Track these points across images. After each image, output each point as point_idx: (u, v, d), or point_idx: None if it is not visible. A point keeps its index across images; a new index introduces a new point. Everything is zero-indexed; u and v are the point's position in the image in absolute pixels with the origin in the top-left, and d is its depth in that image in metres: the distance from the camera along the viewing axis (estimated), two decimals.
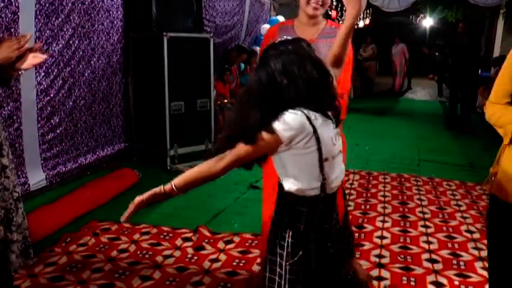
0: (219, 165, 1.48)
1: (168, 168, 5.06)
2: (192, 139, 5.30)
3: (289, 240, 1.53)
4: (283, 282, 1.53)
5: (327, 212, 1.56)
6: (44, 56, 2.30)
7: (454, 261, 3.06)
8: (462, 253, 3.19)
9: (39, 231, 3.21)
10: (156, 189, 1.52)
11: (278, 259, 1.55)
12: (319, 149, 1.47)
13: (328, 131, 1.51)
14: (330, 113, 1.53)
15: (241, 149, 1.46)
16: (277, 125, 1.44)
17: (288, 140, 1.45)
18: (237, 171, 1.54)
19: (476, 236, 3.48)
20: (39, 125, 4.09)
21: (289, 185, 1.53)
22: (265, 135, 1.44)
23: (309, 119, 1.45)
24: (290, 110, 1.45)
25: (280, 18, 9.67)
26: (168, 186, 1.51)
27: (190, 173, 1.51)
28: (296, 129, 1.44)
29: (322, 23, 2.56)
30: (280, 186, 1.58)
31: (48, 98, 4.16)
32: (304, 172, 1.50)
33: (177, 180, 1.50)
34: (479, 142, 6.84)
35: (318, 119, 1.47)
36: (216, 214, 3.83)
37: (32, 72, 3.93)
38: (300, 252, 1.52)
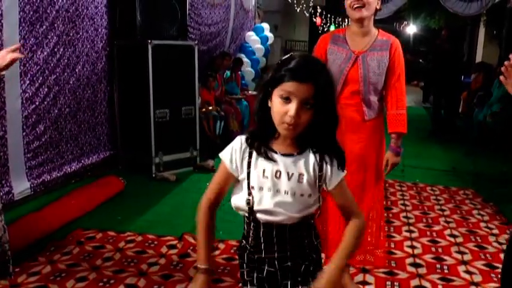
0: (200, 205, 1.54)
1: (154, 175, 5.04)
2: (177, 146, 5.30)
3: (242, 260, 1.57)
4: None
5: (262, 239, 1.49)
6: (21, 55, 2.34)
7: (438, 265, 3.10)
8: (446, 257, 3.23)
9: (23, 240, 3.18)
10: (198, 280, 1.48)
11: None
12: (248, 174, 1.45)
13: (270, 164, 1.43)
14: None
15: (210, 185, 1.55)
16: (222, 152, 1.50)
17: (228, 161, 1.47)
18: None
19: (460, 240, 3.53)
20: (24, 134, 4.05)
21: (232, 201, 1.54)
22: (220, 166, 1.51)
23: (247, 141, 1.45)
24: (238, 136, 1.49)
25: (265, 26, 9.75)
26: (201, 266, 1.49)
27: (198, 233, 1.55)
28: (232, 146, 1.47)
29: (374, 34, 2.50)
30: None
31: (34, 106, 4.13)
32: (239, 192, 1.50)
33: (199, 255, 1.52)
34: (462, 147, 6.94)
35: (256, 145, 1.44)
36: None
37: (17, 80, 3.90)
38: (249, 273, 1.55)
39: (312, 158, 1.45)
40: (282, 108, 1.33)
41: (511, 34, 8.95)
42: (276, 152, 1.43)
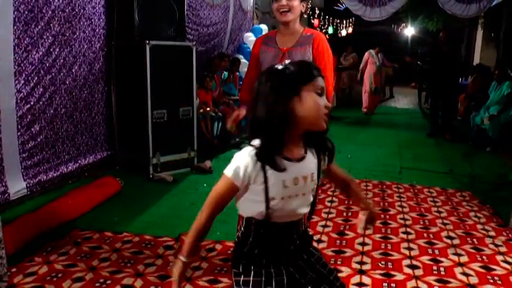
0: (202, 217, 1.54)
1: (151, 176, 5.04)
2: (174, 147, 5.30)
3: (242, 261, 1.58)
4: None
5: (277, 238, 1.55)
6: None
7: (435, 267, 3.10)
8: (442, 259, 3.23)
9: (19, 240, 3.18)
10: (178, 268, 1.55)
11: (234, 277, 1.62)
12: (266, 188, 1.46)
13: (283, 174, 1.46)
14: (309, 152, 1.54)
15: (211, 199, 1.53)
16: (227, 167, 1.48)
17: (236, 178, 1.46)
18: (218, 179, 1.54)
19: (456, 242, 3.53)
20: (19, 133, 4.04)
21: (240, 208, 1.57)
22: (222, 181, 1.50)
23: (258, 156, 1.44)
24: (244, 150, 1.47)
25: (263, 27, 9.75)
26: (182, 257, 1.55)
27: (190, 235, 1.56)
28: (241, 163, 1.45)
29: (299, 31, 2.64)
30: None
31: (28, 106, 4.12)
32: (248, 203, 1.52)
33: (185, 249, 1.55)
34: (459, 149, 6.95)
35: (267, 159, 1.45)
36: None
37: (11, 80, 3.89)
38: (252, 274, 1.55)
39: (313, 154, 1.57)
40: (320, 102, 1.45)
41: (509, 36, 8.98)
42: (290, 160, 1.48)
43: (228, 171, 1.47)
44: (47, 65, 4.29)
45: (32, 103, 4.15)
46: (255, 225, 1.53)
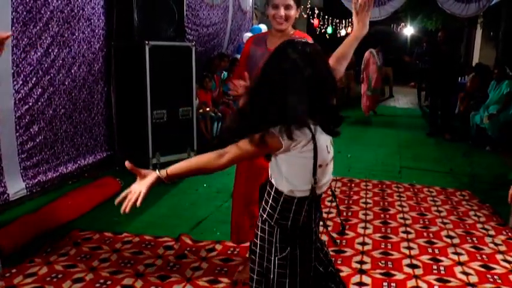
0: (221, 161, 1.52)
1: None
2: (174, 147, 5.29)
3: (278, 236, 1.58)
4: (271, 275, 1.59)
5: (313, 212, 1.62)
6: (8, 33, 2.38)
7: (434, 267, 3.10)
8: (442, 258, 3.23)
9: (19, 241, 3.18)
10: (152, 179, 1.57)
11: (266, 254, 1.61)
12: (315, 156, 1.51)
13: (325, 139, 1.56)
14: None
15: (245, 147, 1.50)
16: (277, 128, 1.47)
17: (286, 144, 1.48)
18: (218, 179, 1.55)
19: (456, 241, 3.53)
20: (17, 134, 4.03)
21: (282, 185, 1.58)
22: (268, 138, 1.47)
23: (308, 125, 1.48)
24: None
25: (263, 27, 9.74)
26: (163, 174, 1.56)
27: (186, 163, 1.55)
28: (296, 133, 1.47)
29: (290, 34, 2.63)
30: (271, 184, 1.63)
31: (27, 106, 4.11)
32: (297, 175, 1.55)
33: (171, 169, 1.55)
34: (459, 149, 6.95)
35: (316, 126, 1.52)
36: (199, 222, 3.82)
37: (9, 80, 3.89)
38: (288, 249, 1.58)
39: None
40: None
41: (508, 36, 8.98)
42: (324, 128, 1.57)
43: (280, 131, 1.47)
44: (46, 65, 4.29)
45: (30, 104, 4.15)
46: (296, 200, 1.56)
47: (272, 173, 1.62)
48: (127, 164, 1.57)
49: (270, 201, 1.61)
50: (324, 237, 3.49)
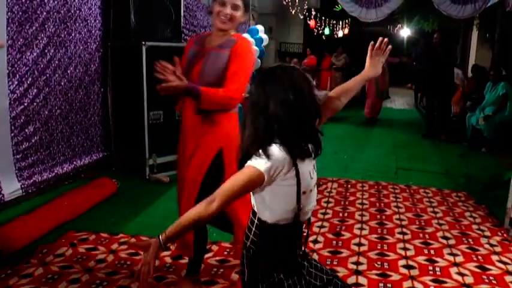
0: (211, 208, 1.46)
1: (147, 177, 5.03)
2: (171, 148, 5.24)
3: (263, 263, 1.58)
4: None
5: (297, 237, 1.63)
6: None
7: (430, 267, 3.11)
8: (438, 259, 3.24)
9: (14, 242, 3.17)
10: (156, 248, 1.48)
11: (252, 282, 1.61)
12: (298, 183, 1.50)
13: (307, 164, 1.54)
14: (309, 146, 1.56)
15: (232, 189, 1.47)
16: (259, 160, 1.46)
17: (268, 175, 1.46)
18: None
19: (452, 242, 3.54)
20: (12, 134, 4.02)
21: (265, 215, 1.57)
22: (250, 171, 1.46)
23: (290, 152, 1.47)
24: (272, 145, 1.47)
25: (260, 28, 9.75)
26: (163, 239, 1.48)
27: (179, 223, 1.50)
28: (275, 161, 1.45)
29: (228, 35, 2.54)
30: (253, 212, 1.63)
31: (22, 107, 4.10)
32: (281, 204, 1.54)
33: (168, 232, 1.48)
34: (455, 150, 6.97)
35: (299, 152, 1.50)
36: None
37: (4, 80, 3.88)
38: (274, 275, 1.57)
39: None
40: None
41: (503, 37, 9.01)
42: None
43: (259, 163, 1.45)
44: (42, 66, 4.28)
45: (25, 104, 4.14)
46: (279, 227, 1.56)
47: (255, 202, 1.60)
48: (129, 244, 1.55)
49: (254, 229, 1.60)
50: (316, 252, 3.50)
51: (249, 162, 1.47)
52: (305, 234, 1.67)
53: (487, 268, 3.12)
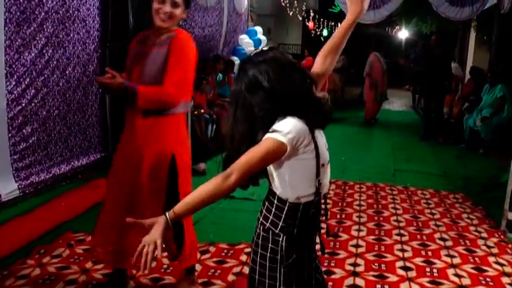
0: (229, 181, 1.43)
1: None
2: None
3: (283, 244, 1.54)
4: (277, 284, 1.55)
5: (317, 215, 1.62)
6: None
7: (428, 269, 3.11)
8: (435, 260, 3.24)
9: (11, 243, 3.16)
10: (162, 225, 1.43)
11: (268, 263, 1.55)
12: (317, 155, 1.49)
13: (321, 135, 1.55)
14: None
15: (251, 161, 1.43)
16: (278, 132, 1.43)
17: (291, 145, 1.43)
18: None
19: (449, 243, 3.55)
20: (10, 135, 4.02)
21: (286, 194, 1.54)
22: (270, 143, 1.43)
23: (308, 122, 1.47)
24: (288, 117, 1.45)
25: (258, 29, 9.77)
26: (170, 215, 1.44)
27: (192, 198, 1.47)
28: (297, 132, 1.44)
29: (169, 32, 2.49)
30: (272, 192, 1.58)
31: (20, 107, 4.09)
32: (302, 179, 1.52)
33: (177, 209, 1.46)
34: (453, 151, 6.98)
35: (315, 122, 1.51)
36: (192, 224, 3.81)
37: (2, 81, 3.87)
38: (294, 256, 1.55)
39: None
40: None
41: (501, 40, 9.03)
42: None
43: (279, 134, 1.43)
44: (40, 66, 4.28)
45: (23, 104, 4.13)
46: (301, 206, 1.54)
47: (273, 182, 1.58)
48: (128, 220, 1.46)
49: (274, 209, 1.56)
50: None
51: (268, 135, 1.44)
52: (323, 210, 1.66)
53: (484, 269, 3.13)
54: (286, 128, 1.43)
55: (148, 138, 2.47)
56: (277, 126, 1.44)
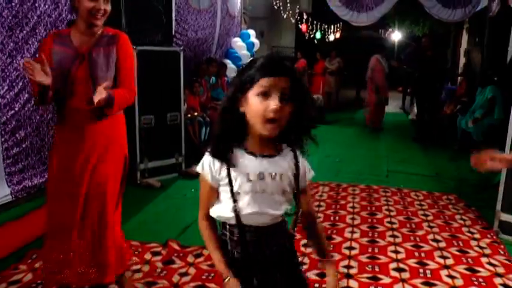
0: (200, 215, 1.58)
1: (138, 182, 5.01)
2: (162, 153, 5.28)
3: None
4: None
5: (254, 242, 1.51)
6: None
7: (421, 270, 3.12)
8: (428, 262, 3.26)
9: (4, 248, 3.14)
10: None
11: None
12: (230, 183, 1.46)
13: (255, 165, 1.46)
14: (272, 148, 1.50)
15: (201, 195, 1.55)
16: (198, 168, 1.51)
17: (207, 175, 1.48)
18: None
19: (442, 244, 3.56)
20: (2, 139, 4.00)
21: (214, 211, 1.55)
22: (201, 177, 1.52)
23: (219, 154, 1.46)
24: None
25: (251, 32, 9.78)
26: (230, 277, 1.49)
27: (212, 253, 1.55)
28: (205, 168, 1.48)
29: (100, 31, 2.43)
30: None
31: (13, 112, 4.08)
32: (222, 201, 1.51)
33: (222, 269, 1.51)
34: (445, 153, 7.01)
35: (237, 154, 1.45)
36: (186, 227, 3.81)
37: None
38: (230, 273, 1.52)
39: (290, 156, 1.51)
40: (262, 105, 1.37)
41: (492, 42, 9.10)
42: (254, 155, 1.46)
43: (199, 170, 1.50)
44: None
45: (16, 109, 4.11)
46: (229, 228, 1.52)
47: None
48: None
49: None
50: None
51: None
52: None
53: (477, 270, 3.14)
54: (201, 165, 1.51)
55: (101, 142, 2.42)
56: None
